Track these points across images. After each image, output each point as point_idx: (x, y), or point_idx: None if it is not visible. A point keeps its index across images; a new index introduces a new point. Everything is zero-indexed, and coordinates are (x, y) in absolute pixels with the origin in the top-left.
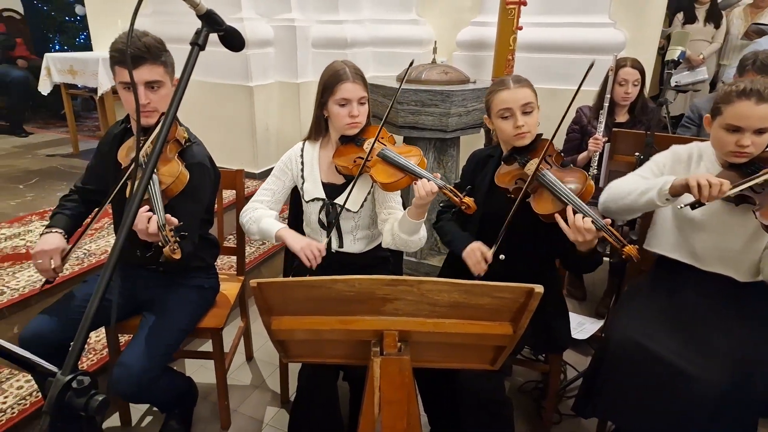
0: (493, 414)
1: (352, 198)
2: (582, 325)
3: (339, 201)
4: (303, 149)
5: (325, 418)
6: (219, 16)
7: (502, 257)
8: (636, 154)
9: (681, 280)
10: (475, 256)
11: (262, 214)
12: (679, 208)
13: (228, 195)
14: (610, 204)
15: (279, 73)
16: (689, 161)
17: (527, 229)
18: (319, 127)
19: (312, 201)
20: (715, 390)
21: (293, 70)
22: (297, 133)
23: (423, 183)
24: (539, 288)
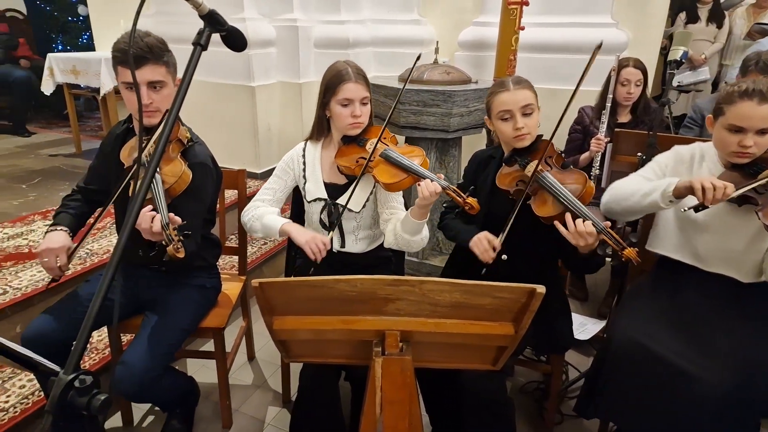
0: (495, 414)
1: (354, 198)
2: (584, 326)
3: (341, 201)
4: (305, 149)
5: (327, 418)
6: (221, 16)
7: (504, 257)
8: (638, 154)
9: (683, 280)
10: (483, 244)
11: (264, 211)
12: (683, 211)
13: (230, 195)
14: (612, 205)
15: (281, 73)
16: (691, 162)
17: (529, 230)
18: (321, 127)
19: (314, 201)
20: (718, 391)
21: (295, 70)
22: (299, 133)
23: (427, 183)
24: (541, 288)
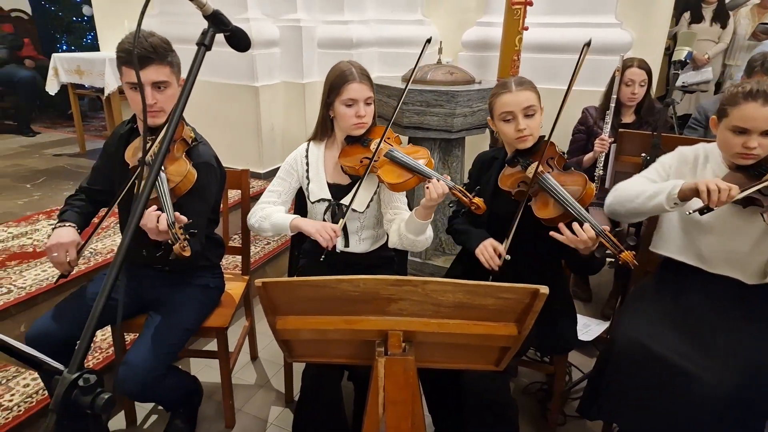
0: (498, 415)
1: (358, 198)
2: (587, 327)
3: (344, 201)
4: (308, 150)
5: (330, 417)
6: (225, 16)
7: (507, 257)
8: (642, 155)
9: (687, 282)
10: (488, 251)
11: (271, 210)
12: (688, 213)
13: (233, 195)
14: (616, 207)
15: (285, 74)
16: (695, 163)
17: (532, 231)
18: (325, 128)
19: (317, 202)
20: (722, 392)
21: (299, 70)
22: (302, 133)
23: (435, 184)
24: (544, 289)
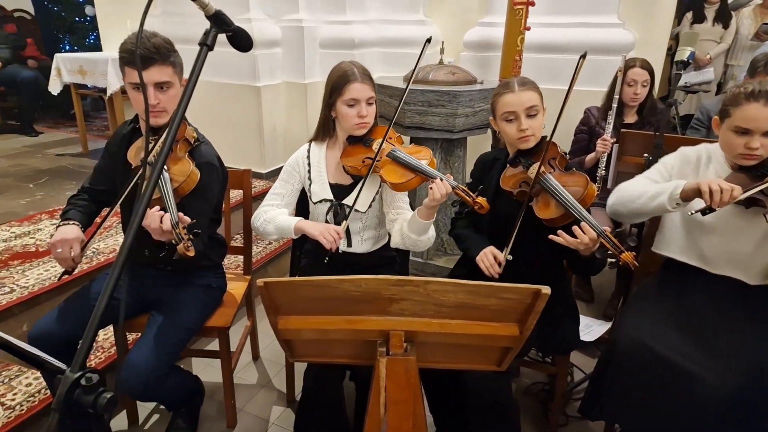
0: (499, 415)
1: (360, 198)
2: (589, 327)
3: (346, 201)
4: (309, 150)
5: (331, 417)
6: (227, 16)
7: (509, 257)
8: (644, 155)
9: (689, 282)
10: (488, 259)
11: (275, 213)
12: (690, 214)
13: (235, 195)
14: (619, 207)
15: (286, 74)
16: (698, 163)
17: (533, 231)
18: (327, 128)
19: (320, 202)
20: (724, 393)
21: (301, 70)
22: (304, 133)
23: (438, 184)
24: (546, 289)
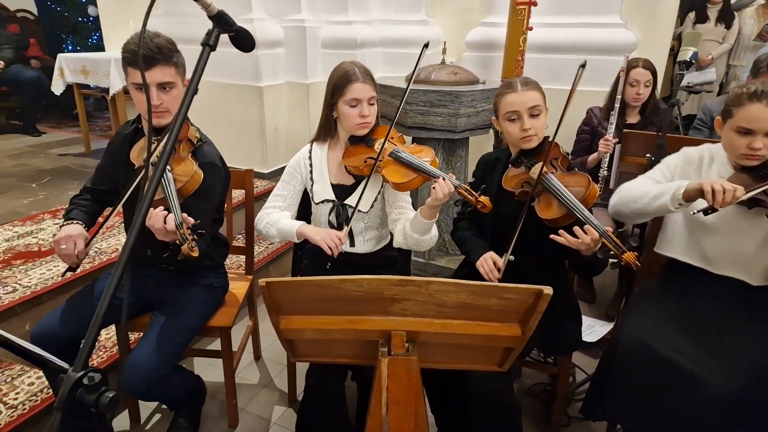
0: (501, 416)
1: (362, 199)
2: (591, 328)
3: (349, 202)
4: (311, 151)
5: (333, 417)
6: (230, 16)
7: (511, 258)
8: (647, 155)
9: (692, 283)
10: (487, 264)
11: (278, 216)
12: (692, 214)
13: (237, 195)
14: (621, 208)
15: (289, 74)
16: (700, 164)
17: (535, 231)
18: (328, 128)
19: (322, 203)
20: (726, 393)
21: (303, 70)
22: (306, 134)
23: (441, 184)
24: (548, 290)
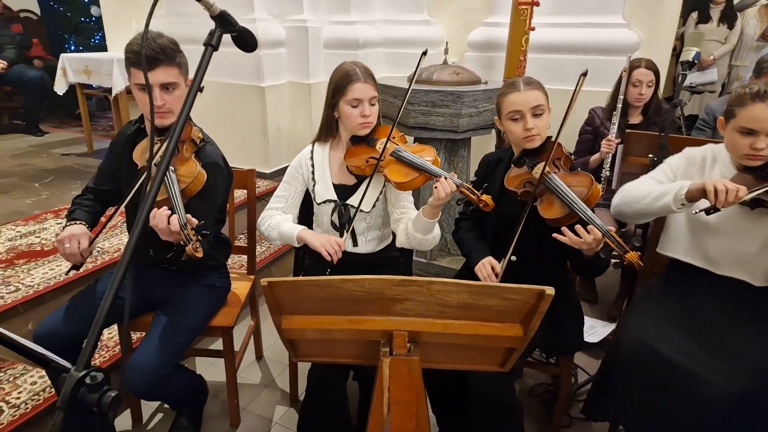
0: (503, 416)
1: (364, 198)
2: (593, 328)
3: (351, 202)
4: (312, 151)
5: (335, 417)
6: (232, 17)
7: (513, 258)
8: (649, 155)
9: (694, 283)
10: (485, 269)
11: (280, 219)
12: (694, 213)
13: (239, 195)
14: (623, 208)
15: (291, 74)
16: (703, 164)
17: (537, 231)
18: (330, 128)
19: (324, 203)
20: (729, 394)
21: (305, 70)
22: (308, 134)
23: (443, 183)
24: (550, 290)
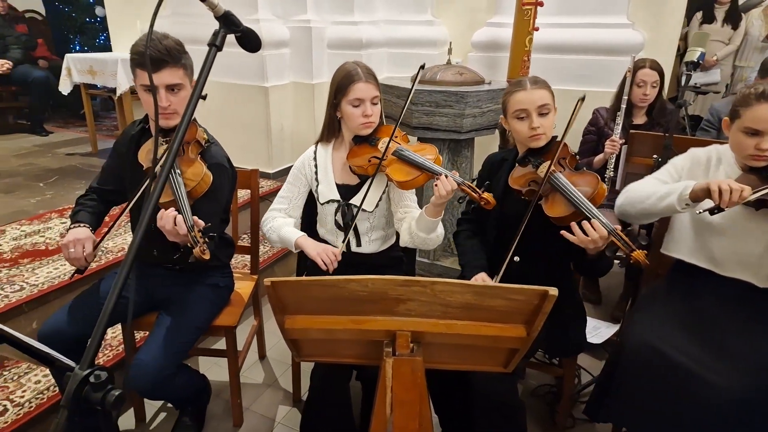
0: (506, 417)
1: (367, 198)
2: (597, 329)
3: (354, 201)
4: (316, 152)
5: (338, 417)
6: (236, 17)
7: (516, 259)
8: (654, 156)
9: (699, 284)
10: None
11: (281, 223)
12: (698, 213)
13: (243, 194)
14: (627, 208)
15: (294, 74)
16: (708, 164)
17: (541, 230)
18: (332, 128)
19: (327, 203)
20: (732, 395)
21: (308, 70)
22: (312, 134)
23: (443, 181)
24: (553, 290)
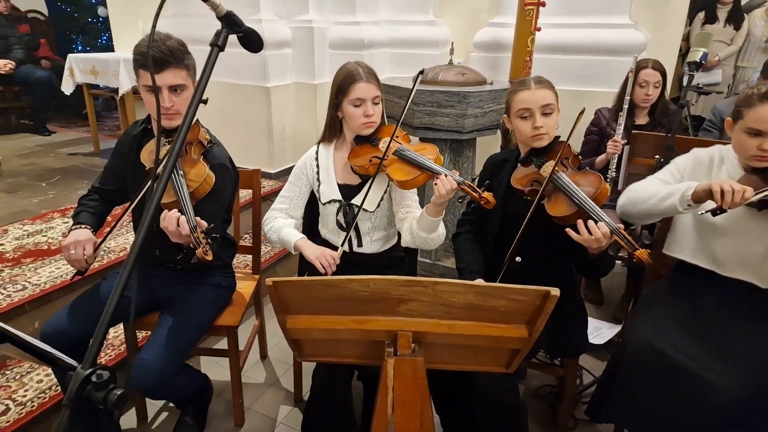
0: (508, 417)
1: (368, 198)
2: (599, 330)
3: (355, 201)
4: (317, 152)
5: (339, 417)
6: (238, 17)
7: (518, 259)
8: (656, 156)
9: (701, 285)
10: None
11: (282, 224)
12: (700, 213)
13: (244, 194)
14: (629, 208)
15: (296, 74)
16: (710, 165)
17: (543, 230)
18: (334, 129)
19: (329, 203)
20: (734, 396)
21: (310, 71)
22: (313, 134)
23: (443, 180)
24: (555, 291)
